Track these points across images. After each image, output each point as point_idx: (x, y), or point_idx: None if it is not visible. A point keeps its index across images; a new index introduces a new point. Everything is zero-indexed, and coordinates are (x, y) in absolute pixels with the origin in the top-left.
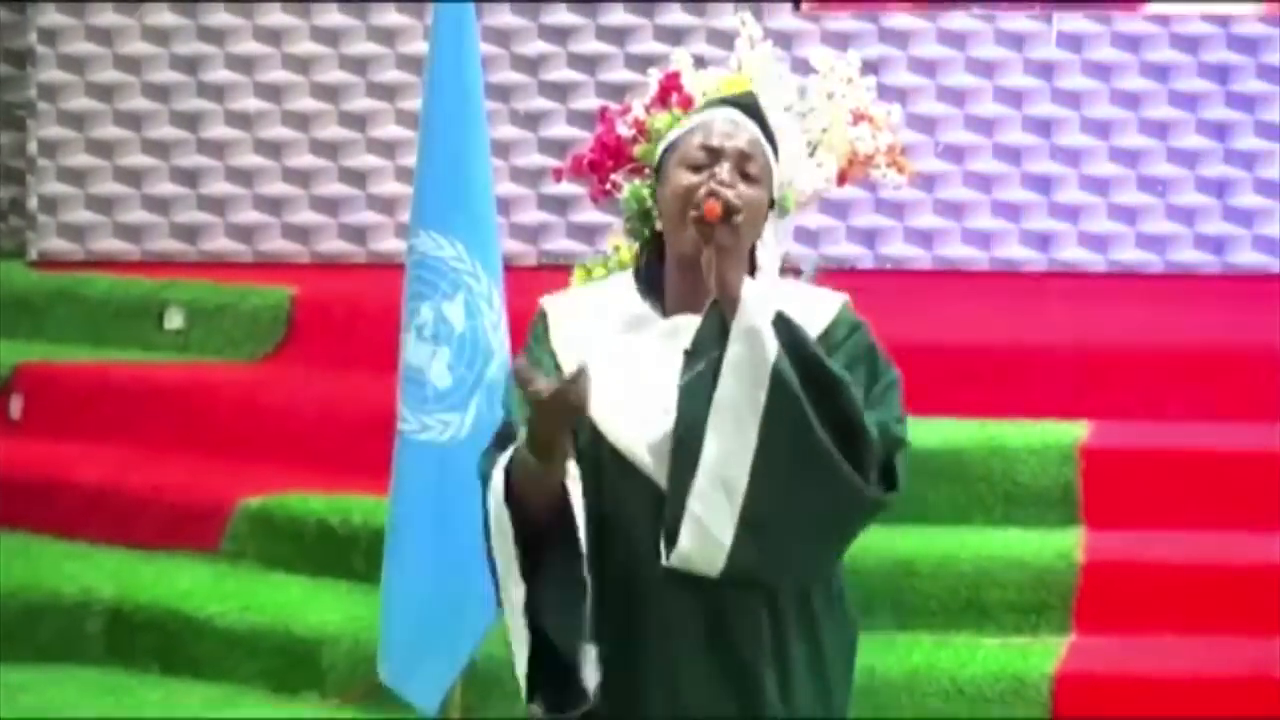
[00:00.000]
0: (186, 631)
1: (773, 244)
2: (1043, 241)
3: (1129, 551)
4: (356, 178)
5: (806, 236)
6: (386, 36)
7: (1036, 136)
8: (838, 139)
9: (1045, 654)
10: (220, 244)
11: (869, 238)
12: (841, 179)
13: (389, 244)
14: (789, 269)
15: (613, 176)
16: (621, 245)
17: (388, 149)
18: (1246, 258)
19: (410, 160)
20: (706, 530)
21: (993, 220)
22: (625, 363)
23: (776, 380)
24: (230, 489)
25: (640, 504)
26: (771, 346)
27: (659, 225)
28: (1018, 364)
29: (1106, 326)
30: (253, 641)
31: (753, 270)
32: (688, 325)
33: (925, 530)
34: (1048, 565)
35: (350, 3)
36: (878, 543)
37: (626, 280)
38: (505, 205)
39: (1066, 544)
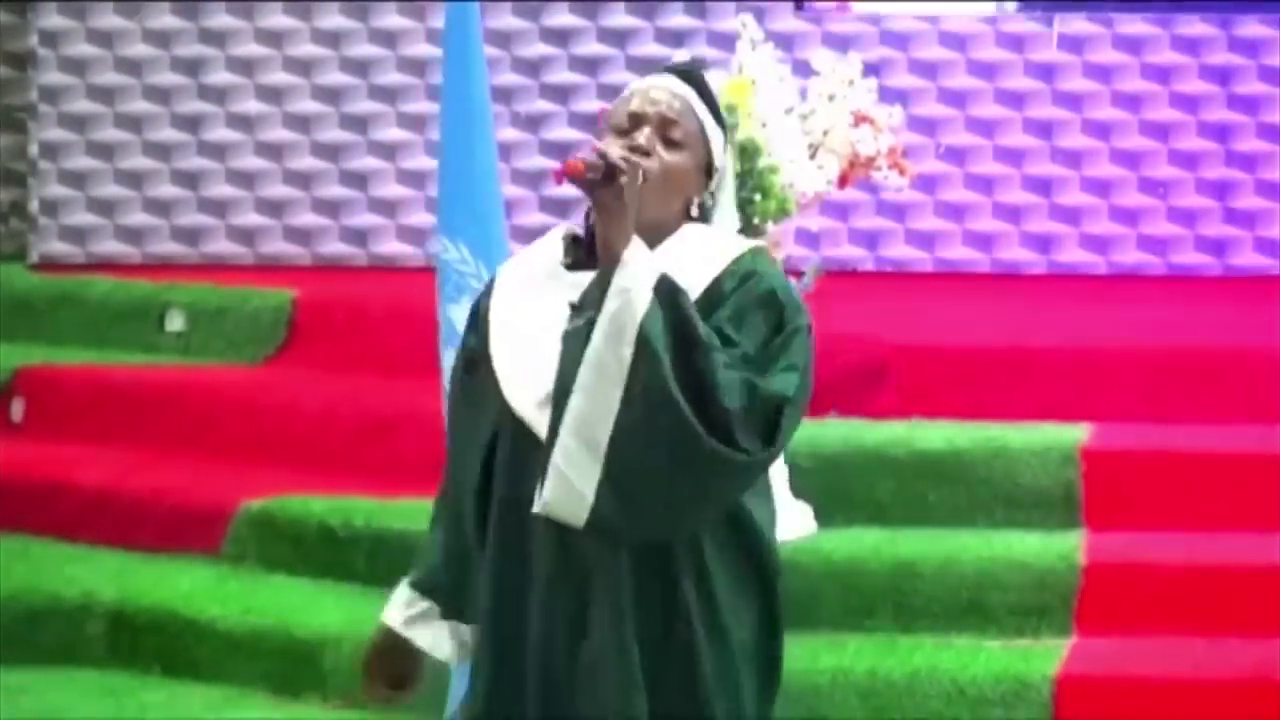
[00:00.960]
0: (188, 634)
1: (728, 209)
2: (1044, 244)
3: (1130, 553)
4: (358, 180)
5: (808, 239)
6: (388, 39)
7: (1037, 139)
8: (839, 141)
9: (1047, 656)
10: (221, 246)
11: (870, 240)
12: (843, 181)
13: (390, 246)
14: (790, 272)
15: None
16: None
17: (389, 151)
18: (1248, 260)
19: (411, 163)
20: (570, 483)
21: (994, 222)
22: (531, 315)
23: (641, 339)
24: (232, 491)
25: (527, 457)
26: (640, 306)
27: None
28: (1019, 366)
29: (1108, 328)
30: (254, 644)
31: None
32: (587, 279)
33: (927, 532)
34: (1049, 567)
35: (351, 2)
36: (879, 545)
37: (557, 234)
38: (507, 207)
39: (1068, 546)
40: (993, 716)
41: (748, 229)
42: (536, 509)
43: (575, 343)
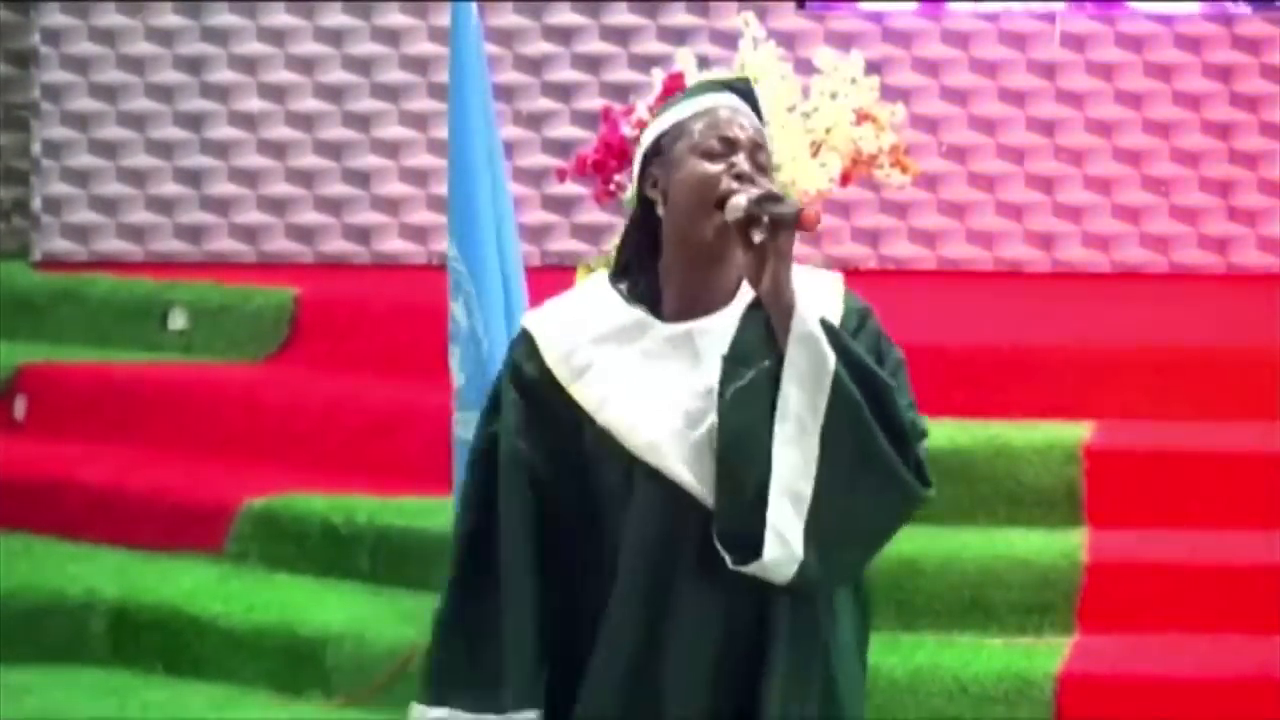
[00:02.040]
0: (190, 632)
1: None
2: (1046, 242)
3: (1133, 551)
4: (360, 178)
5: (809, 237)
6: (390, 37)
7: (1040, 136)
8: (841, 139)
9: (1049, 654)
10: (224, 244)
11: (872, 238)
12: (845, 179)
13: (393, 244)
14: None
15: (616, 177)
16: None
17: (391, 149)
18: (1250, 258)
19: (413, 161)
20: (787, 542)
21: (996, 220)
22: (632, 374)
23: (837, 388)
24: (234, 489)
25: (667, 513)
26: (830, 354)
27: (660, 212)
28: (1021, 364)
29: (1110, 326)
30: (256, 642)
31: None
32: (702, 330)
33: (929, 530)
34: (1051, 565)
35: (354, 1)
36: None
37: (603, 286)
38: None
39: (1070, 544)
40: (995, 714)
41: None
42: (750, 570)
43: (751, 397)
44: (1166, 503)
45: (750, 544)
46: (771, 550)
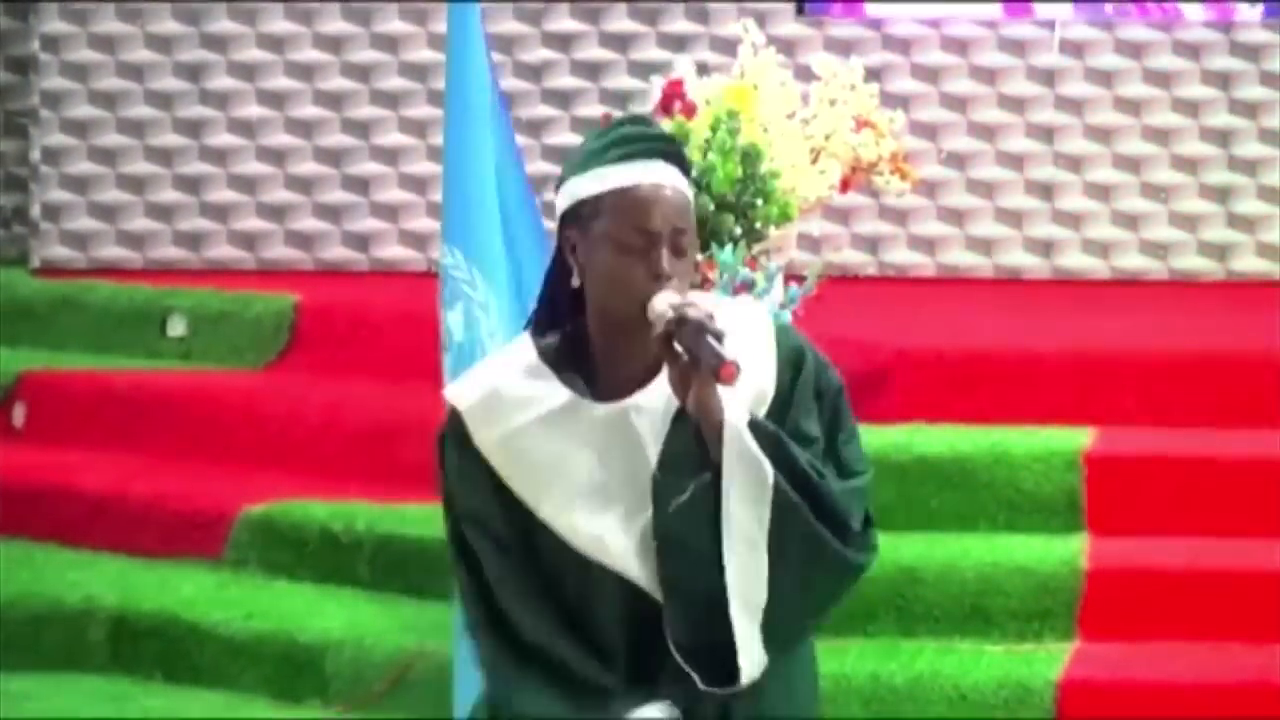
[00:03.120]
0: (189, 639)
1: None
2: (1045, 248)
3: (1133, 558)
4: (359, 185)
5: (809, 244)
6: (389, 44)
7: (1039, 143)
8: (840, 146)
9: (1049, 661)
10: (223, 251)
11: (872, 244)
12: (844, 186)
13: (392, 251)
14: (792, 277)
15: None
16: None
17: (390, 156)
18: (1249, 264)
19: (413, 168)
20: (755, 659)
21: (995, 227)
22: (568, 463)
23: (779, 498)
24: (233, 496)
25: (610, 601)
26: (768, 469)
27: (579, 281)
28: (1021, 371)
29: (1109, 333)
30: (256, 649)
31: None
32: (637, 408)
33: (929, 537)
34: (1052, 572)
35: (353, 3)
36: (881, 550)
37: (528, 354)
38: None
39: (1070, 551)
40: None
41: (749, 234)
42: (723, 691)
43: (692, 511)
44: (1167, 509)
45: (708, 652)
46: (750, 668)
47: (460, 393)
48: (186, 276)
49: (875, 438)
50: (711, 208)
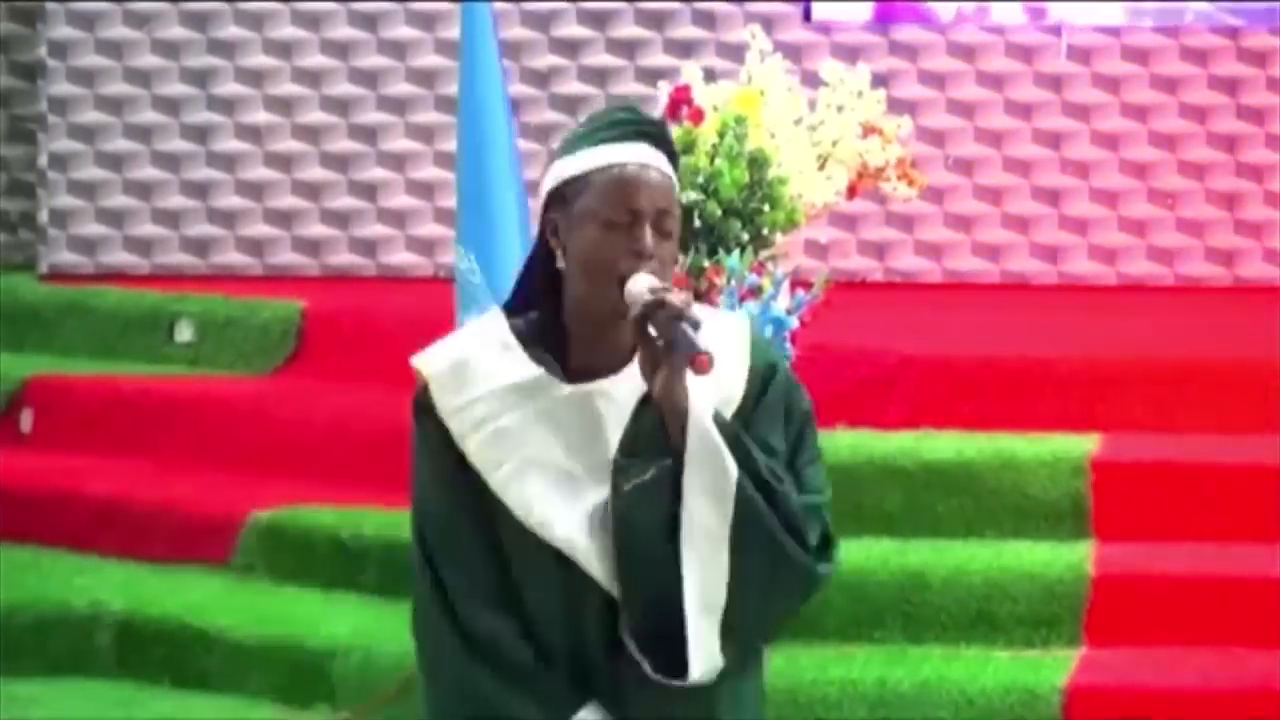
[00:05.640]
0: (197, 644)
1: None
2: (1052, 254)
3: (1139, 564)
4: (367, 191)
5: (816, 250)
6: (397, 50)
7: (1046, 149)
8: (847, 152)
9: (1056, 666)
10: (230, 257)
11: (879, 251)
12: (851, 192)
13: (399, 257)
14: (799, 282)
15: None
16: None
17: (398, 162)
18: (1256, 270)
19: (420, 173)
20: (712, 656)
21: (1002, 233)
22: (528, 437)
23: (741, 498)
24: (241, 502)
25: (569, 585)
26: (732, 467)
27: (560, 264)
28: (1028, 377)
29: (1116, 339)
30: (263, 655)
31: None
32: (602, 393)
33: (936, 543)
34: (1058, 578)
35: (360, 3)
36: (888, 556)
37: (500, 328)
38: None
39: (1077, 557)
40: None
41: (756, 240)
42: (674, 683)
43: (647, 497)
44: (1173, 515)
45: (661, 641)
46: (698, 667)
47: (428, 361)
48: (194, 282)
49: (882, 444)
50: (719, 213)
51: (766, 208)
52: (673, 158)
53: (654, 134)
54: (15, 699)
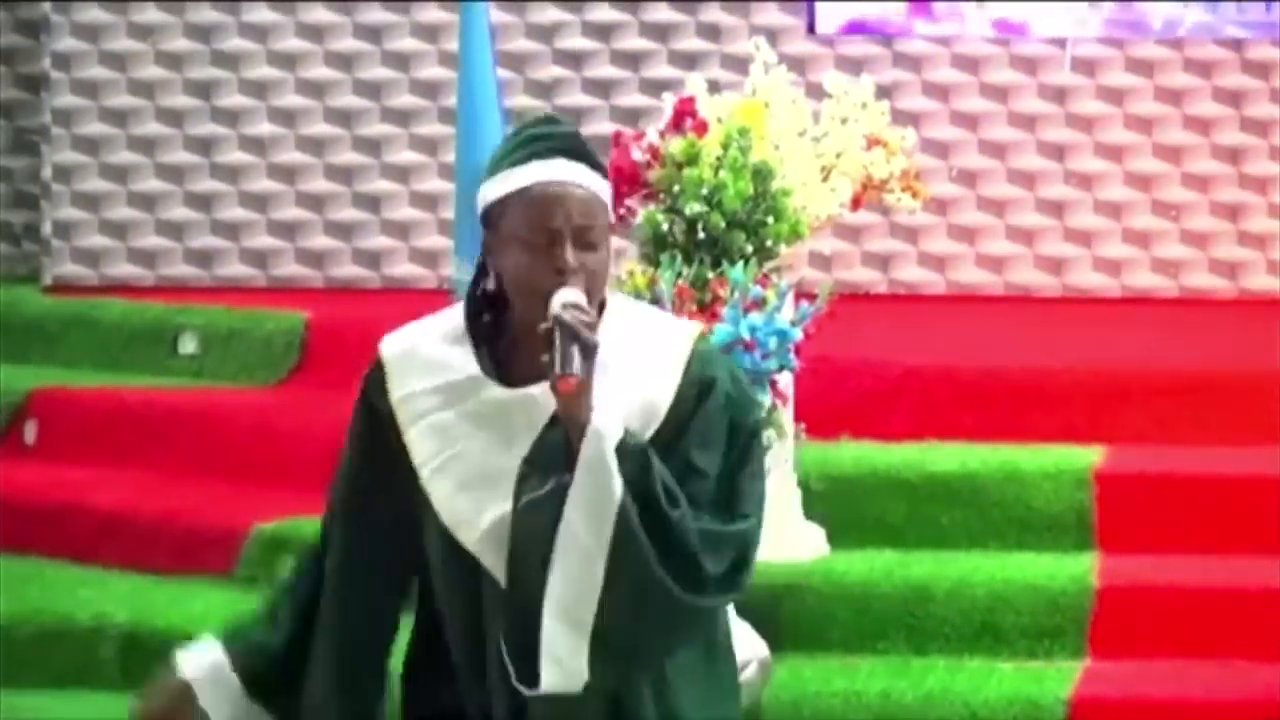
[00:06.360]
0: None
1: (610, 264)
2: (1056, 266)
3: (1144, 576)
4: (370, 203)
5: (820, 261)
6: (401, 62)
7: (1050, 161)
8: (851, 164)
9: (1060, 678)
10: (234, 269)
11: (883, 262)
12: (855, 204)
13: (403, 269)
14: (803, 294)
15: (627, 202)
16: (635, 271)
17: (402, 174)
18: (1261, 282)
19: (424, 185)
20: (565, 665)
21: (1006, 245)
22: (457, 436)
23: (621, 520)
24: (244, 514)
25: (474, 588)
26: (617, 486)
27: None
28: (1032, 389)
29: (1121, 351)
30: None
31: (601, 309)
32: (533, 401)
33: (940, 555)
34: (1062, 590)
35: (364, 16)
36: (892, 567)
37: (456, 324)
38: None
39: (1081, 568)
40: None
41: (760, 252)
42: (532, 691)
43: (538, 512)
44: (1178, 527)
45: (535, 656)
46: (550, 677)
47: (390, 343)
48: (198, 294)
49: (885, 455)
50: (723, 225)
51: (770, 220)
52: (595, 166)
53: (569, 148)
54: (19, 711)
